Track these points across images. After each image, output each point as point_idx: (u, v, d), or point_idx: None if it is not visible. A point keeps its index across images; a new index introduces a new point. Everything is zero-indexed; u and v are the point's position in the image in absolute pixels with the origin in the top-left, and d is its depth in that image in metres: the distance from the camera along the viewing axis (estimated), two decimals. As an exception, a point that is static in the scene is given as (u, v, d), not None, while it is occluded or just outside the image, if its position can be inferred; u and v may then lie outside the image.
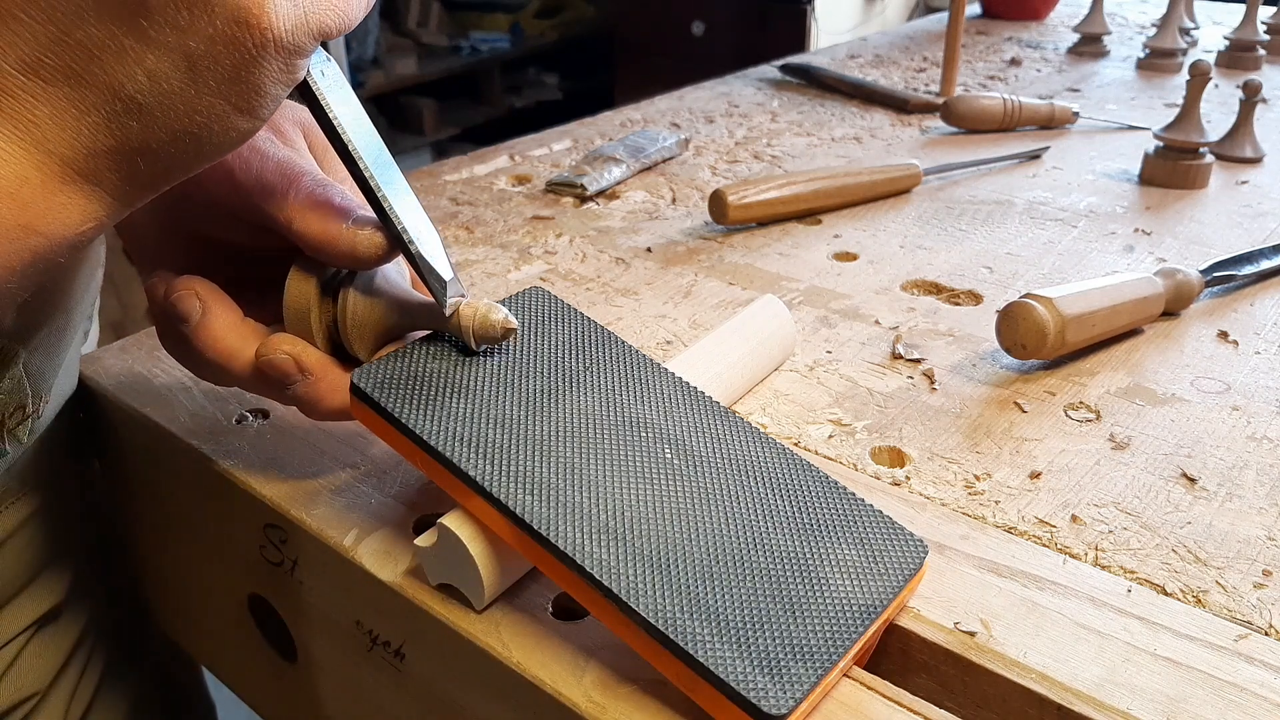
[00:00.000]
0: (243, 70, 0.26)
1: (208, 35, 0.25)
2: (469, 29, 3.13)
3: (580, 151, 0.82)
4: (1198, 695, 0.30)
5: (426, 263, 0.34)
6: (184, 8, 0.24)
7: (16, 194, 0.25)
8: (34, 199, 0.25)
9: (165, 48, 0.25)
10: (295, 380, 0.35)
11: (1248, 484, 0.41)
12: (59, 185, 0.26)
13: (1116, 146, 0.85)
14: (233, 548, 0.43)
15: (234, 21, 0.25)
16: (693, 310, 0.55)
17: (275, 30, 0.26)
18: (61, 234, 0.26)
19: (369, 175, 0.33)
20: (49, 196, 0.26)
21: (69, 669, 0.51)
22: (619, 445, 0.34)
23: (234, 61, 0.26)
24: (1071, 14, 1.38)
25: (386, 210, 0.33)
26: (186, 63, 0.25)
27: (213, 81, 0.26)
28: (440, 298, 0.34)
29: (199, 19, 0.25)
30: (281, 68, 0.27)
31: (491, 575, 0.33)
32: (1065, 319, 0.47)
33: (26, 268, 0.26)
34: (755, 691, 0.27)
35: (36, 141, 0.25)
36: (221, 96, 0.26)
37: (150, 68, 0.25)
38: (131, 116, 0.26)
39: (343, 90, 0.32)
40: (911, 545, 0.33)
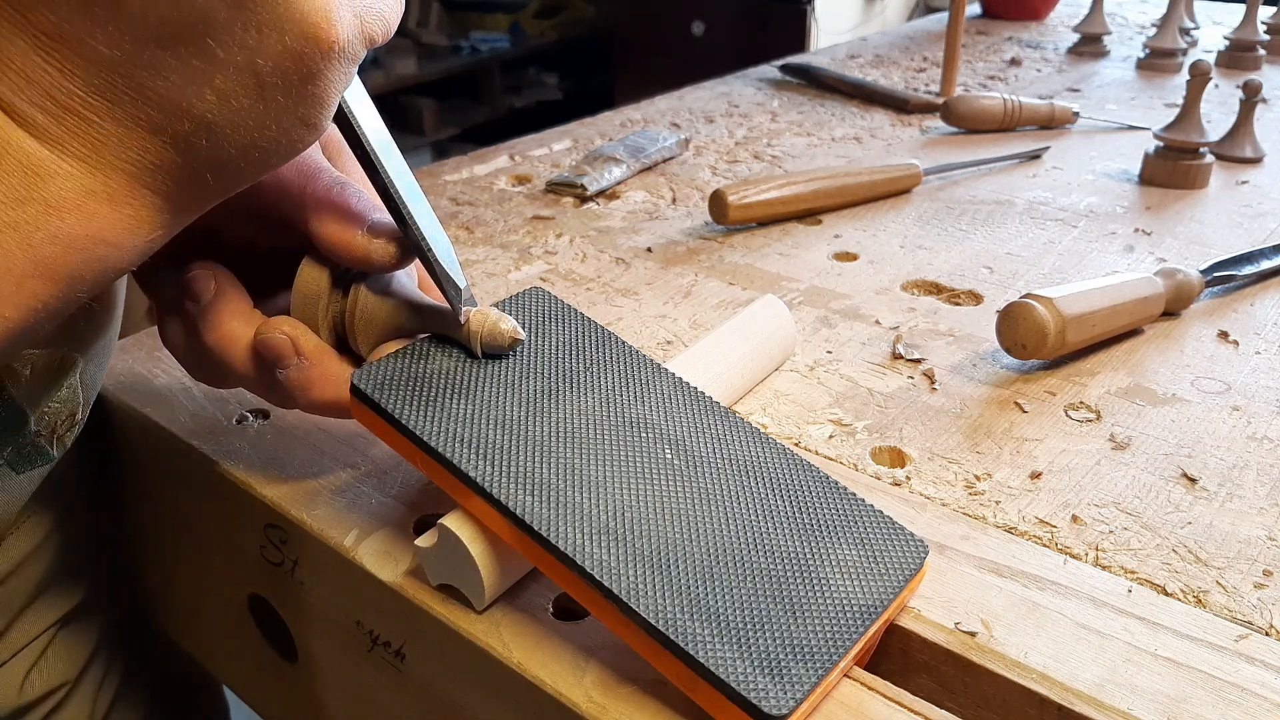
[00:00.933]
0: (309, 84, 0.26)
1: (276, 53, 0.25)
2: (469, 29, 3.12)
3: (580, 151, 0.82)
4: (1198, 695, 0.30)
5: (444, 271, 0.34)
6: (252, 28, 0.24)
7: (83, 206, 0.25)
8: (100, 211, 0.25)
9: (234, 67, 0.25)
10: (290, 363, 0.34)
11: (1248, 484, 0.41)
12: (126, 198, 0.26)
13: (1116, 146, 0.85)
14: (233, 548, 0.43)
15: (302, 37, 0.25)
16: (693, 310, 0.55)
17: (340, 41, 0.26)
18: (129, 243, 0.26)
19: (391, 183, 0.33)
20: (116, 208, 0.26)
21: (95, 662, 0.52)
22: (619, 446, 0.34)
23: (301, 76, 0.26)
24: (1071, 14, 1.38)
25: (406, 218, 0.33)
26: (255, 81, 0.25)
27: (280, 97, 0.26)
28: (456, 305, 0.35)
29: (268, 38, 0.25)
30: (342, 77, 0.27)
31: (492, 576, 0.33)
32: (1065, 319, 0.47)
33: (96, 276, 0.26)
34: (756, 692, 0.27)
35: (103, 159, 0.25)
36: (289, 111, 0.26)
37: (219, 87, 0.25)
38: (200, 135, 0.26)
39: (363, 98, 0.32)
40: (912, 545, 0.33)
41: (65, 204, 0.25)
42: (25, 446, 0.40)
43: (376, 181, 0.33)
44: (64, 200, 0.25)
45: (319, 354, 0.35)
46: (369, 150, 0.32)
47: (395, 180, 0.33)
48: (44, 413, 0.40)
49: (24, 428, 0.39)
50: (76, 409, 0.42)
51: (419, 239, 0.33)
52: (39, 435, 0.40)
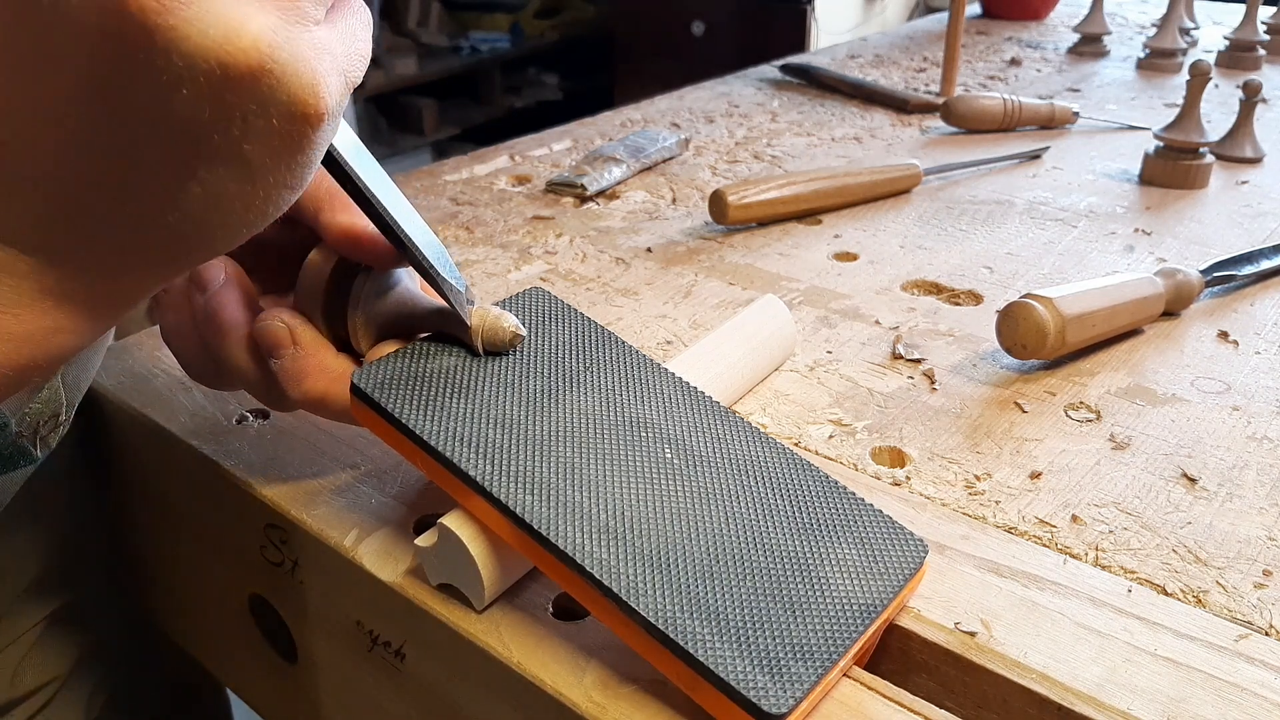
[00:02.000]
0: (299, 155, 0.25)
1: (264, 136, 0.24)
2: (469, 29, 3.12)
3: (580, 151, 0.82)
4: (1198, 695, 0.30)
5: (442, 276, 0.34)
6: (238, 119, 0.23)
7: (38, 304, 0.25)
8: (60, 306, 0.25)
9: (220, 158, 0.24)
10: (284, 352, 0.34)
11: (1248, 484, 0.41)
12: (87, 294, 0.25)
13: (1116, 146, 0.85)
14: (233, 548, 0.43)
15: (291, 117, 0.24)
16: (693, 310, 0.55)
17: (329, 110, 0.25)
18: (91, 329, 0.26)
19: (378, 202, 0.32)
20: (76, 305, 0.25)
21: (89, 658, 0.52)
22: (619, 445, 0.34)
23: (291, 150, 0.25)
24: (1071, 14, 1.38)
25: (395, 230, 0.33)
26: (242, 166, 0.24)
27: (270, 176, 0.25)
28: (462, 312, 0.35)
29: (254, 125, 0.23)
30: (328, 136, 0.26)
31: (492, 575, 0.33)
32: (1065, 319, 0.47)
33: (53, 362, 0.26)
34: (755, 690, 0.27)
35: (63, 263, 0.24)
36: (278, 184, 0.25)
37: (204, 178, 0.24)
38: (185, 225, 0.25)
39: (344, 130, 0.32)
40: (912, 545, 0.33)
41: (19, 303, 0.24)
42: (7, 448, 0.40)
43: (365, 206, 0.33)
44: (17, 300, 0.24)
45: (314, 345, 0.35)
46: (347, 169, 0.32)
47: (378, 194, 0.32)
48: (25, 414, 0.40)
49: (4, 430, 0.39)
50: (60, 409, 0.42)
51: (412, 249, 0.33)
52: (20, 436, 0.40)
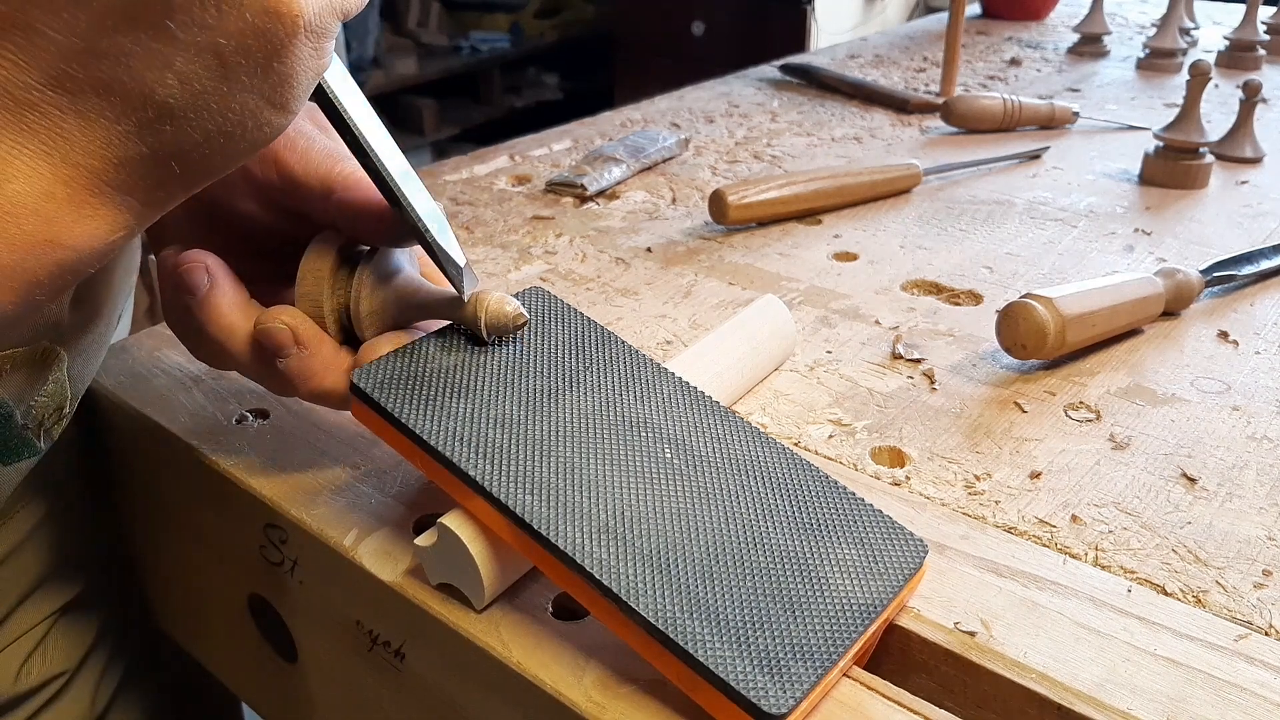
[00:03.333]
0: (274, 61, 0.25)
1: (238, 30, 0.24)
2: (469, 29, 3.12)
3: (580, 151, 0.82)
4: (1198, 695, 0.30)
5: (444, 251, 0.34)
6: (211, 5, 0.23)
7: (40, 210, 0.24)
8: (59, 213, 0.25)
9: (195, 48, 0.24)
10: (289, 352, 0.34)
11: (1248, 484, 0.41)
12: (87, 197, 0.25)
13: (1116, 146, 0.85)
14: (233, 548, 0.43)
15: (264, 12, 0.24)
16: (693, 310, 0.55)
17: (305, 15, 0.25)
18: (89, 245, 0.26)
19: (380, 163, 0.33)
20: (76, 209, 0.25)
21: (95, 653, 0.52)
22: (619, 445, 0.34)
23: (266, 53, 0.25)
24: (1071, 14, 1.38)
25: (400, 198, 0.33)
26: (217, 60, 0.24)
27: (245, 77, 0.25)
28: (459, 285, 0.35)
29: (228, 15, 0.24)
30: (311, 53, 0.26)
31: (491, 575, 0.33)
32: (1065, 319, 0.47)
33: (55, 280, 0.26)
34: (755, 690, 0.27)
35: (63, 155, 0.24)
36: (254, 91, 0.25)
37: (180, 70, 0.24)
38: (163, 121, 0.25)
39: (348, 82, 0.32)
40: (911, 545, 0.33)
41: (22, 208, 0.24)
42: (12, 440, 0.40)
43: (366, 163, 0.33)
44: (20, 204, 0.24)
45: (318, 343, 0.35)
46: (355, 131, 0.32)
47: (385, 160, 0.33)
48: (31, 406, 0.40)
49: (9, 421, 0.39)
50: (64, 403, 0.42)
51: (414, 219, 0.33)
52: (25, 429, 0.40)
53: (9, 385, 0.39)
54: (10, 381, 0.39)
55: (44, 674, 0.49)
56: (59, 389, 0.41)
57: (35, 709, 0.49)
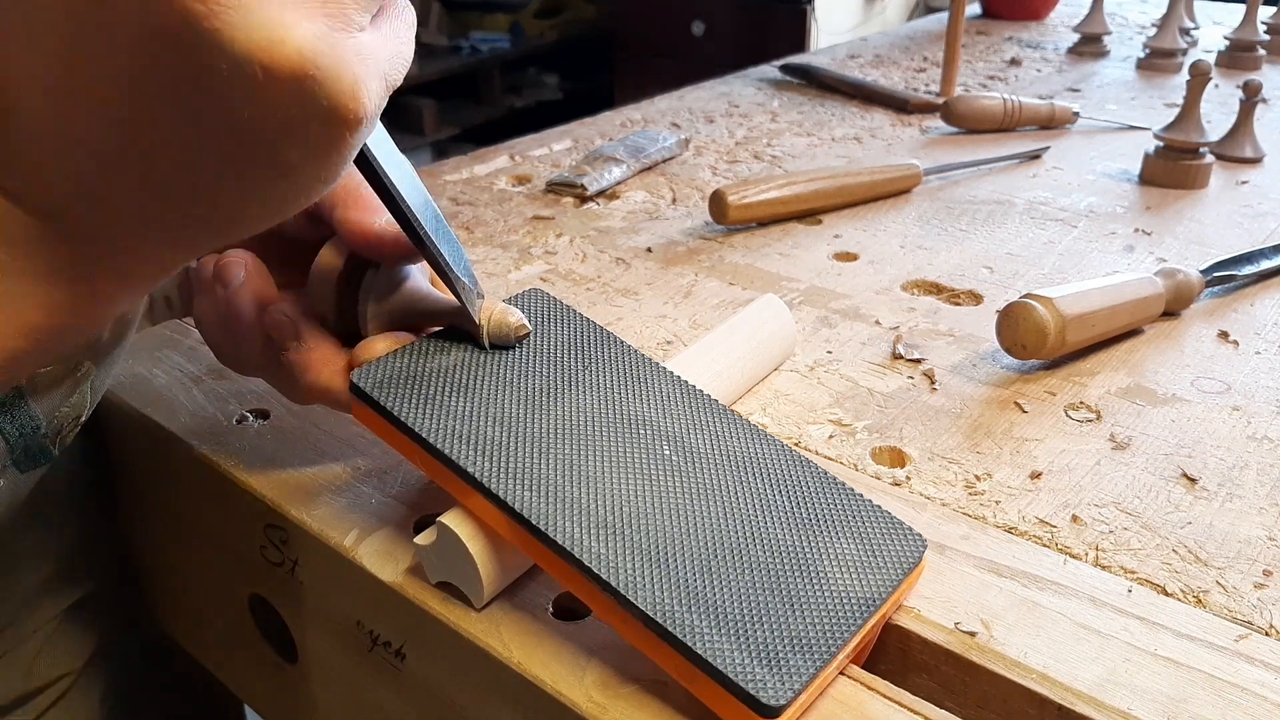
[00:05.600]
0: (335, 155, 0.25)
1: (303, 139, 0.24)
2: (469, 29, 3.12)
3: (580, 151, 0.82)
4: (1198, 695, 0.30)
5: (460, 280, 0.35)
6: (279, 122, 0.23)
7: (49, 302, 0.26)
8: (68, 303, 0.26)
9: (260, 160, 0.24)
10: (289, 343, 0.35)
11: (1248, 484, 0.41)
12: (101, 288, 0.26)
13: (1116, 146, 0.85)
14: (233, 548, 0.43)
15: (330, 122, 0.24)
16: (693, 310, 0.55)
17: (368, 114, 0.25)
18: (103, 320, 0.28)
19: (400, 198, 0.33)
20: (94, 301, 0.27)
21: (101, 651, 0.52)
22: (618, 442, 0.34)
23: (328, 153, 0.25)
24: (1071, 14, 1.38)
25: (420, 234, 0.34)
26: (281, 167, 0.24)
27: (305, 175, 0.25)
28: (472, 309, 0.36)
29: (294, 127, 0.23)
30: (364, 138, 0.26)
31: (490, 573, 0.33)
32: (1065, 319, 0.47)
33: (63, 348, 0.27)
34: (754, 683, 0.27)
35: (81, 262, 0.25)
36: (311, 181, 0.26)
37: (241, 176, 0.24)
38: (217, 216, 0.26)
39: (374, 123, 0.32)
40: (910, 540, 0.33)
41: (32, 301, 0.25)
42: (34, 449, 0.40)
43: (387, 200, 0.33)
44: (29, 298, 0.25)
45: (318, 339, 0.36)
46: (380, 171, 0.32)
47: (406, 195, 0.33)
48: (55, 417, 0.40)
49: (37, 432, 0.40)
50: (83, 412, 0.42)
51: (435, 252, 0.34)
52: (44, 436, 0.41)
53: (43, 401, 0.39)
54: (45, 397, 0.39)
55: (53, 672, 0.49)
56: (81, 400, 0.42)
57: (43, 708, 0.49)
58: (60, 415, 0.41)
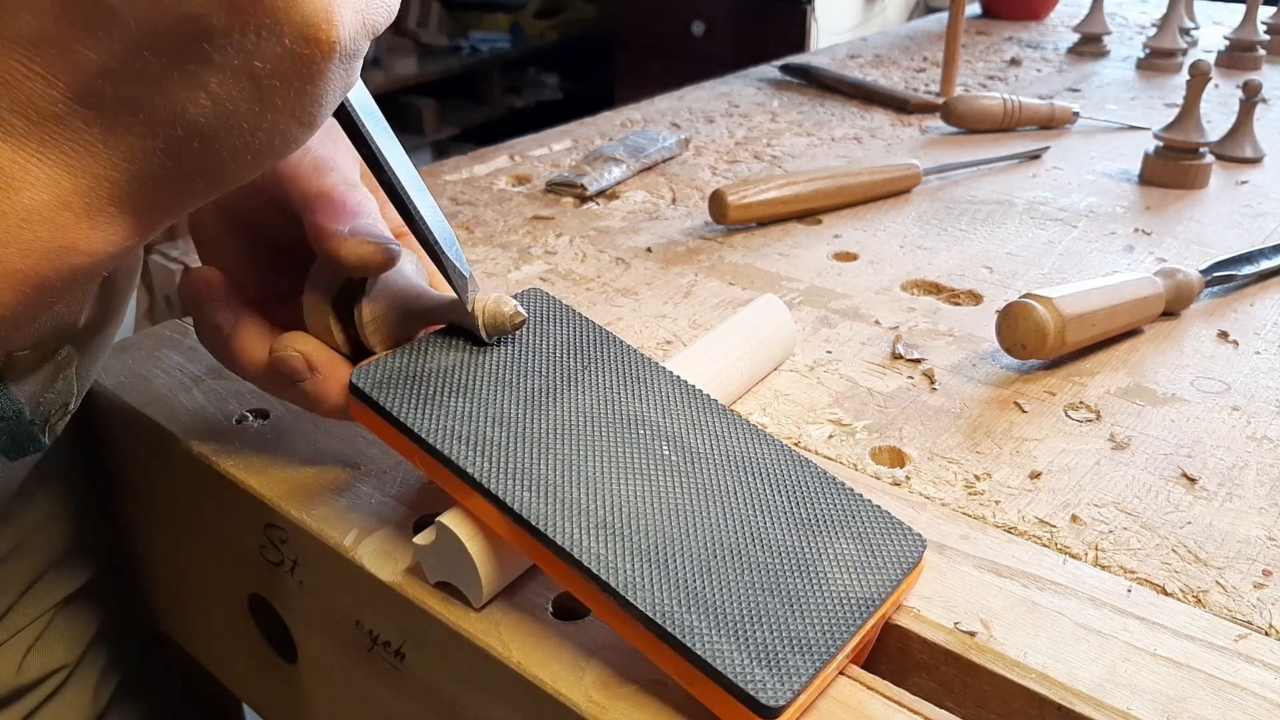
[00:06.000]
0: (310, 85, 0.25)
1: (275, 55, 0.24)
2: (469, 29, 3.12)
3: (580, 151, 0.82)
4: (1198, 695, 0.30)
5: (451, 263, 0.35)
6: (250, 31, 0.23)
7: (56, 219, 0.24)
8: (75, 223, 0.25)
9: (231, 71, 0.24)
10: (304, 377, 0.36)
11: (1248, 484, 0.41)
12: (104, 206, 0.25)
13: (1116, 146, 0.85)
14: (233, 548, 0.43)
15: (302, 39, 0.24)
16: (693, 310, 0.55)
17: (341, 40, 0.25)
18: (103, 251, 0.26)
19: (395, 176, 0.33)
20: (91, 219, 0.25)
21: (96, 647, 0.52)
22: (617, 442, 0.34)
23: (301, 77, 0.25)
24: (1071, 14, 1.38)
25: (411, 211, 0.33)
26: (253, 84, 0.24)
27: (279, 100, 0.25)
28: (464, 296, 0.35)
29: (266, 40, 0.24)
30: (342, 74, 0.26)
31: (489, 573, 0.33)
32: (1065, 319, 0.47)
33: (67, 284, 0.26)
34: (753, 684, 0.27)
35: (84, 168, 0.24)
36: (286, 112, 0.25)
37: (214, 92, 0.24)
38: (192, 139, 0.25)
39: (362, 90, 0.32)
40: (910, 540, 0.33)
41: (37, 216, 0.24)
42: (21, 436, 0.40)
43: (380, 176, 0.33)
44: (36, 213, 0.24)
45: (332, 365, 0.36)
46: (371, 145, 0.32)
47: (399, 173, 0.33)
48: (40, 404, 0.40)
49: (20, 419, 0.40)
50: (70, 399, 0.42)
51: (425, 231, 0.34)
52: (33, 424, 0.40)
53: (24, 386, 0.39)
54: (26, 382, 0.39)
55: (45, 667, 0.49)
56: (67, 387, 0.41)
57: (36, 704, 0.49)
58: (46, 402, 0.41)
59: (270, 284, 0.40)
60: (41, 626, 0.49)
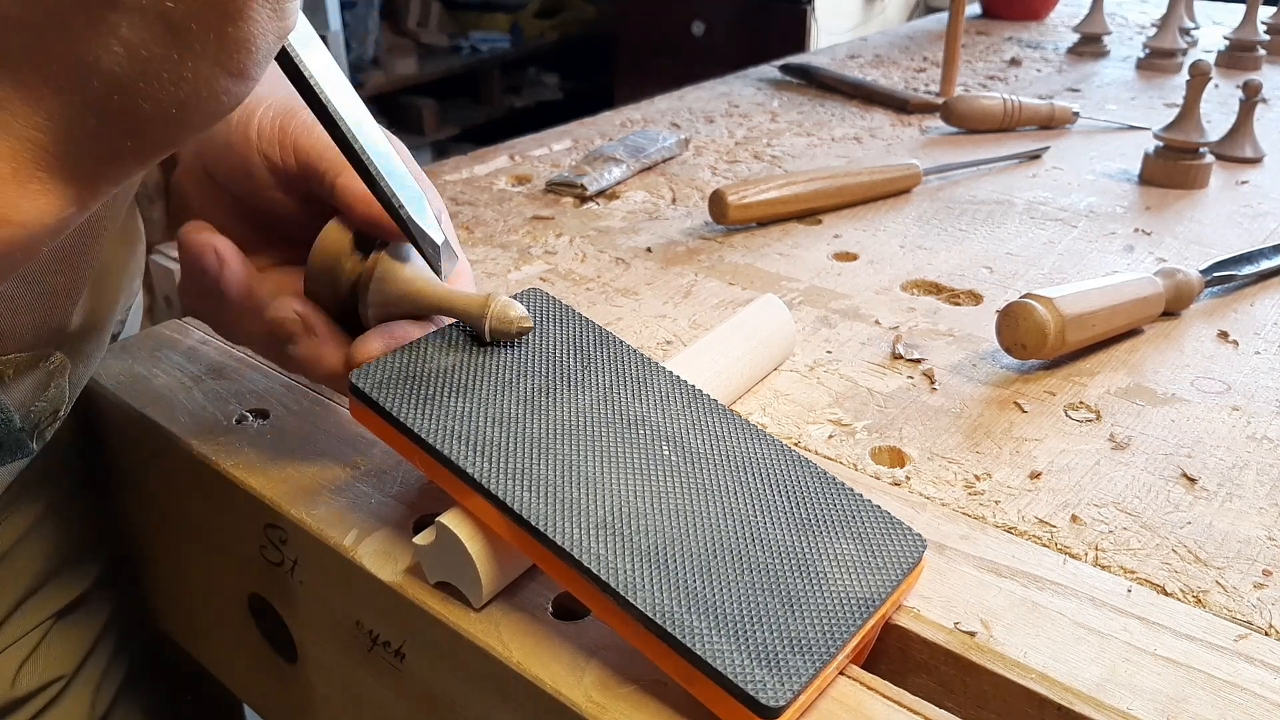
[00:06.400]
0: (229, 26, 0.23)
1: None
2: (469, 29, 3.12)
3: (580, 151, 0.82)
4: (1198, 695, 0.30)
5: (417, 226, 0.33)
6: None
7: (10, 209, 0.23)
8: (4, 191, 0.23)
9: (140, 13, 0.22)
10: (300, 339, 0.35)
11: (1248, 484, 0.41)
12: (34, 171, 0.23)
13: (1116, 146, 0.85)
14: (233, 548, 0.43)
15: None
16: (693, 310, 0.55)
17: None
18: (39, 222, 0.24)
19: (348, 130, 0.31)
20: (22, 185, 0.23)
21: (94, 656, 0.52)
22: (617, 442, 0.34)
23: (219, 17, 0.23)
24: (1071, 14, 1.38)
25: (371, 170, 0.32)
26: (166, 27, 0.23)
27: (197, 44, 0.23)
28: (436, 265, 0.35)
29: None
30: (270, 15, 0.24)
31: (489, 573, 0.33)
32: (1065, 319, 0.47)
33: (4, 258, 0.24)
34: (753, 684, 0.27)
35: (4, 128, 0.23)
36: (208, 59, 0.23)
37: (126, 37, 0.22)
38: (111, 93, 0.23)
39: (313, 43, 0.30)
40: (910, 540, 0.33)
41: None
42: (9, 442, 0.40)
43: (334, 132, 0.31)
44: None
45: (326, 330, 0.36)
46: (321, 97, 0.30)
47: (353, 128, 0.31)
48: (30, 411, 0.40)
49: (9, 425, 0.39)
50: (61, 406, 0.42)
51: (386, 193, 0.32)
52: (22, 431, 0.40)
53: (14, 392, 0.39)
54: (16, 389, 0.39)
55: (42, 678, 0.49)
56: (59, 394, 0.41)
57: (32, 714, 0.49)
58: (37, 410, 0.40)
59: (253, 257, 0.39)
60: (38, 638, 0.49)
